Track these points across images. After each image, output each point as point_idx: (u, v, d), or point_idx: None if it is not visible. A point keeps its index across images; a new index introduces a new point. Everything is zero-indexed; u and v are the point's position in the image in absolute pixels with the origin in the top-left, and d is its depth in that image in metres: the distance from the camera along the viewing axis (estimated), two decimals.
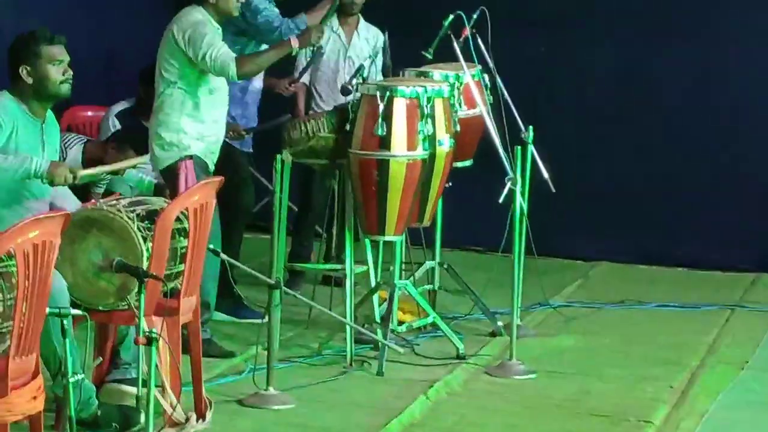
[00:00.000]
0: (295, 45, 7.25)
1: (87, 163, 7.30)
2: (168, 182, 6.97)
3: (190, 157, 6.99)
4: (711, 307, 8.57)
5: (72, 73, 6.00)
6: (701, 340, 7.79)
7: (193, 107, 7.04)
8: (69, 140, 7.54)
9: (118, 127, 7.76)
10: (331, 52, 8.35)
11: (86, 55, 6.62)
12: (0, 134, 5.85)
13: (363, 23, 8.59)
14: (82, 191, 6.74)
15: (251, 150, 8.05)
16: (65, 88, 5.99)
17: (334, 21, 8.42)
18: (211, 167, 7.15)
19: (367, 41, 8.58)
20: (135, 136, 7.40)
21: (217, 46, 6.94)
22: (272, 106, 8.34)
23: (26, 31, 6.09)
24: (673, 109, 9.71)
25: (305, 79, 8.40)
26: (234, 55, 6.98)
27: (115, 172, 6.91)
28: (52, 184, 5.93)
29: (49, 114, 6.12)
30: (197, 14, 7.05)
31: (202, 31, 6.95)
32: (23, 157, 5.84)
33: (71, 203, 6.23)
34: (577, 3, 9.78)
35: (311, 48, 7.86)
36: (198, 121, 7.06)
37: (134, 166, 7.08)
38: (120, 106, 7.86)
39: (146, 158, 7.02)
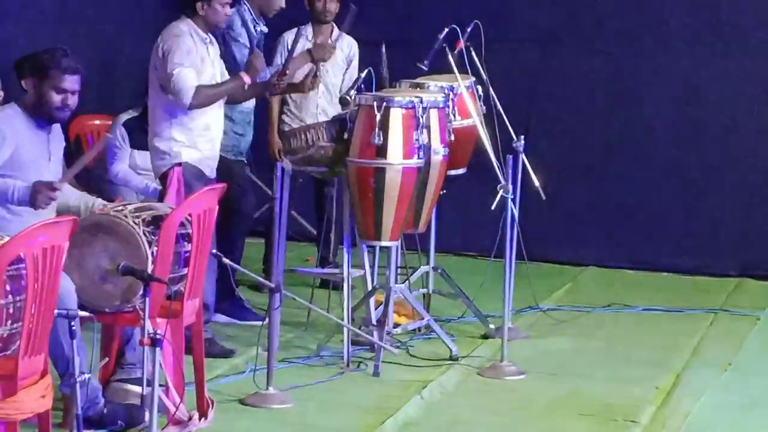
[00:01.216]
0: (247, 80, 7.19)
1: None
2: (162, 188, 6.99)
3: (179, 164, 7.01)
4: (695, 311, 8.57)
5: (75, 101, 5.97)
6: (686, 342, 7.80)
7: (182, 115, 7.05)
8: None
9: (125, 135, 7.75)
10: (303, 60, 8.11)
11: (88, 65, 6.62)
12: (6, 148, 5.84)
13: (336, 32, 8.47)
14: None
15: (244, 159, 7.97)
16: (61, 115, 5.98)
17: (308, 29, 8.38)
18: (210, 173, 7.17)
19: (341, 50, 8.51)
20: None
21: (185, 71, 6.94)
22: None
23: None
24: (656, 121, 9.73)
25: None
26: (195, 84, 6.95)
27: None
28: (35, 208, 5.88)
29: (55, 126, 6.10)
30: (182, 26, 7.06)
31: (180, 46, 6.97)
32: (5, 188, 5.79)
33: (72, 194, 6.26)
34: (566, 18, 9.79)
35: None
36: (187, 129, 7.07)
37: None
38: (127, 115, 7.84)
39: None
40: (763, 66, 9.58)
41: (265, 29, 7.99)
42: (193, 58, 7.04)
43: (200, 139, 7.14)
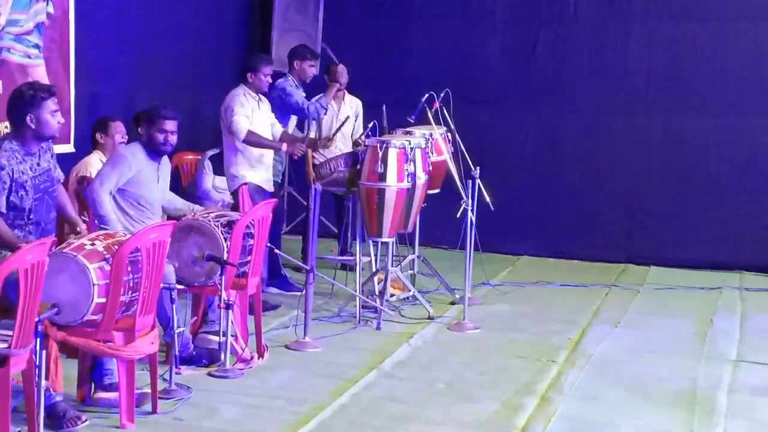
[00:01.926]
0: (283, 149, 7.37)
1: None
2: (235, 202, 7.02)
3: (245, 184, 7.05)
4: (595, 286, 8.54)
5: (175, 140, 5.98)
6: (589, 307, 7.77)
7: (243, 149, 7.19)
8: None
9: (210, 165, 7.78)
10: (327, 117, 8.35)
11: (185, 123, 6.61)
12: (129, 172, 5.87)
13: (347, 96, 8.57)
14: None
15: (279, 180, 7.93)
16: (164, 149, 5.98)
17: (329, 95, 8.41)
18: (268, 188, 7.23)
19: (350, 107, 8.58)
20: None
21: (239, 117, 7.09)
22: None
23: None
24: (569, 158, 9.72)
25: (312, 133, 8.31)
26: (249, 129, 7.10)
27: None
28: None
29: (164, 158, 6.11)
30: (238, 90, 7.27)
31: (236, 102, 7.17)
32: (112, 219, 5.76)
33: (179, 202, 6.30)
34: (509, 88, 9.79)
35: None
36: (248, 158, 7.22)
37: None
38: (211, 152, 7.87)
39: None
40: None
41: (303, 93, 8.04)
42: (245, 110, 7.14)
43: (257, 165, 7.22)
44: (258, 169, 7.25)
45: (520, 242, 9.67)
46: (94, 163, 6.53)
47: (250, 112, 7.20)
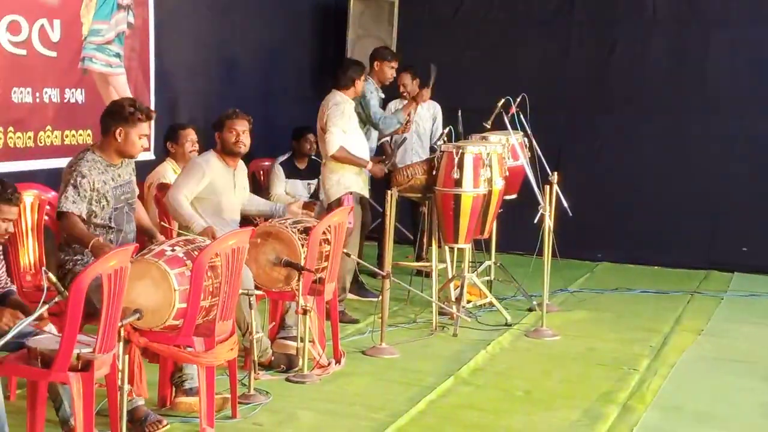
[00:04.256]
0: (368, 167, 7.40)
1: None
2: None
3: (351, 192, 7.09)
4: (677, 293, 8.45)
5: (247, 140, 6.07)
6: (671, 315, 7.69)
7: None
8: None
9: (281, 169, 7.82)
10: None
11: (261, 130, 6.67)
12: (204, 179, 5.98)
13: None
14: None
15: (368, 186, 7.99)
16: (237, 149, 6.08)
17: (403, 101, 8.32)
18: (366, 194, 7.38)
19: (427, 110, 8.60)
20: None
21: (335, 129, 7.08)
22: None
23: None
24: (647, 164, 9.63)
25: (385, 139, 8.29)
26: (341, 145, 7.11)
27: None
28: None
29: (240, 163, 6.20)
30: (337, 97, 7.17)
31: (336, 112, 7.13)
32: (192, 213, 5.90)
33: (261, 203, 6.46)
34: (584, 92, 9.74)
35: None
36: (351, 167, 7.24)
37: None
38: (282, 158, 7.93)
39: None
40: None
41: (383, 95, 8.06)
42: (344, 121, 7.12)
43: (359, 172, 7.24)
44: (360, 176, 7.29)
45: (599, 248, 9.61)
46: (166, 172, 6.64)
47: (347, 122, 7.21)
